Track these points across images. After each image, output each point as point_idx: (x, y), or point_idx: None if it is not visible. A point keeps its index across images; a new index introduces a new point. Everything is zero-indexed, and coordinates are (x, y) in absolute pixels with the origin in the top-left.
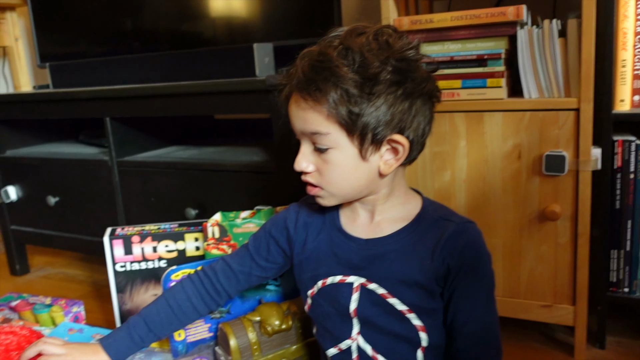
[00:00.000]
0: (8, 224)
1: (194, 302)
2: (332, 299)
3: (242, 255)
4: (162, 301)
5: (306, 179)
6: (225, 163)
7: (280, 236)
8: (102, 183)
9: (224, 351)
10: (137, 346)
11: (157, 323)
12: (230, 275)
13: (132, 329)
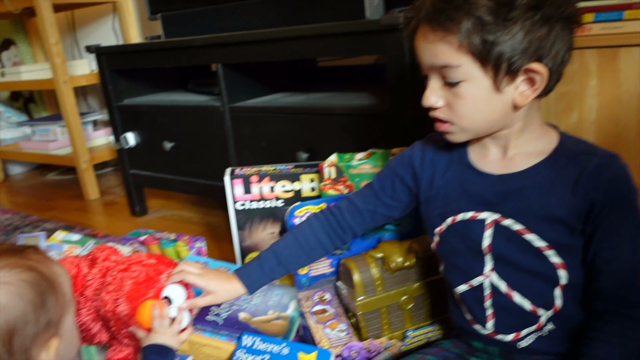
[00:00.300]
0: (128, 168)
1: (321, 238)
2: (463, 235)
3: (367, 194)
4: (290, 237)
5: (435, 115)
6: (335, 107)
7: (406, 174)
8: (214, 128)
9: (346, 285)
10: (268, 277)
11: (286, 257)
12: (356, 214)
13: (263, 262)
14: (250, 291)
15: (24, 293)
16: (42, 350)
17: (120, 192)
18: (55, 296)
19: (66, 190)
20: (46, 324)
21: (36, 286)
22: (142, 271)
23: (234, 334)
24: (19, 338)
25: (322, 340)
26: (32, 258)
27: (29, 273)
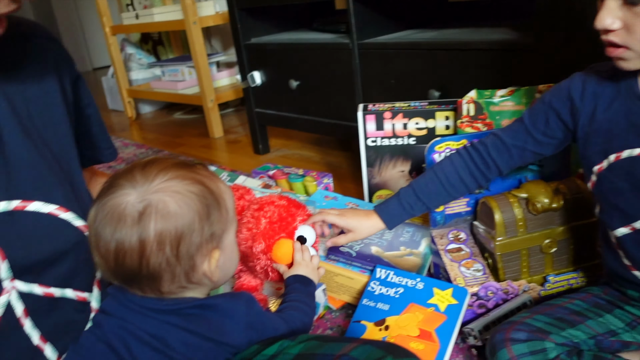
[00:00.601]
0: (253, 106)
1: (462, 175)
2: (629, 173)
3: (516, 129)
4: (431, 173)
5: (608, 39)
6: (473, 42)
7: (563, 107)
8: (341, 66)
9: (484, 225)
10: (407, 213)
11: (425, 193)
12: (502, 149)
13: (401, 197)
14: (389, 227)
15: (191, 203)
16: (205, 260)
17: (241, 132)
18: (219, 211)
19: (192, 128)
20: (210, 235)
21: (203, 198)
22: (275, 211)
23: (366, 266)
24: (186, 244)
25: (457, 278)
26: (201, 173)
27: (197, 185)
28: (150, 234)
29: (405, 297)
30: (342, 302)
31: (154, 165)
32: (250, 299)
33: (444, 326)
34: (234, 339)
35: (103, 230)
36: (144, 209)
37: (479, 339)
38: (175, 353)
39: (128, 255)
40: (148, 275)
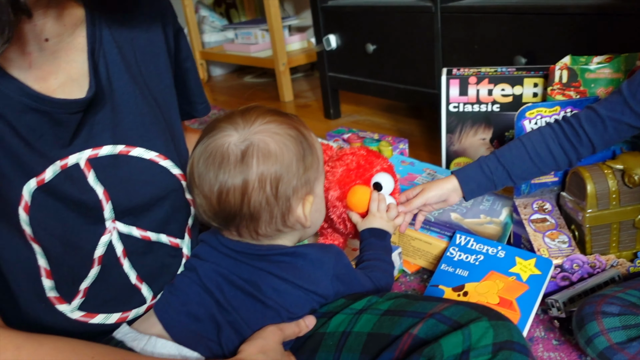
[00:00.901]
0: (326, 70)
1: (551, 145)
2: None
3: (613, 101)
4: (517, 141)
5: None
6: (567, 5)
7: None
8: (422, 30)
9: (574, 196)
10: (487, 178)
11: (508, 158)
12: (596, 121)
13: (482, 161)
14: (467, 194)
15: (290, 145)
16: (299, 204)
17: (311, 96)
18: (313, 157)
19: (262, 92)
20: (305, 180)
21: (299, 142)
22: (354, 159)
23: (444, 232)
24: (284, 185)
25: (541, 248)
26: (296, 121)
27: (294, 130)
28: (253, 173)
29: (486, 264)
30: (417, 267)
31: (253, 111)
32: (339, 252)
33: (526, 296)
34: (322, 289)
35: (207, 171)
36: (247, 149)
37: (562, 311)
38: (266, 298)
39: (231, 194)
40: (248, 214)
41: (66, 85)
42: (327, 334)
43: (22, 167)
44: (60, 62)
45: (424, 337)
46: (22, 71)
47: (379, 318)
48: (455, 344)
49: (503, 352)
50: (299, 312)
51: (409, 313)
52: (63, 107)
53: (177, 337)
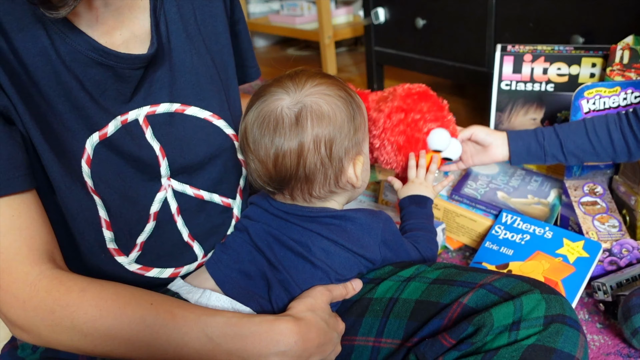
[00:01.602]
0: (373, 44)
1: (612, 128)
2: None
3: None
4: (579, 121)
5: None
6: None
7: None
8: (475, 6)
9: (628, 180)
10: (538, 144)
11: (565, 130)
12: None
13: (537, 129)
14: (513, 156)
15: (341, 106)
16: (350, 164)
17: (354, 71)
18: (361, 118)
19: (305, 65)
20: (355, 141)
21: (349, 104)
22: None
23: (490, 210)
24: (337, 146)
25: (589, 231)
26: (343, 83)
27: (343, 91)
28: (308, 135)
29: (532, 244)
30: (460, 244)
31: (302, 74)
32: (388, 218)
33: (572, 278)
34: (370, 253)
35: (262, 136)
36: (300, 111)
37: (609, 295)
38: (316, 259)
39: (287, 157)
40: (304, 176)
41: (130, 42)
42: (375, 300)
43: (86, 121)
44: (124, 19)
45: (474, 306)
46: (89, 26)
47: (427, 286)
48: (506, 314)
49: (555, 325)
50: (347, 274)
51: (459, 282)
52: (127, 62)
53: (229, 292)
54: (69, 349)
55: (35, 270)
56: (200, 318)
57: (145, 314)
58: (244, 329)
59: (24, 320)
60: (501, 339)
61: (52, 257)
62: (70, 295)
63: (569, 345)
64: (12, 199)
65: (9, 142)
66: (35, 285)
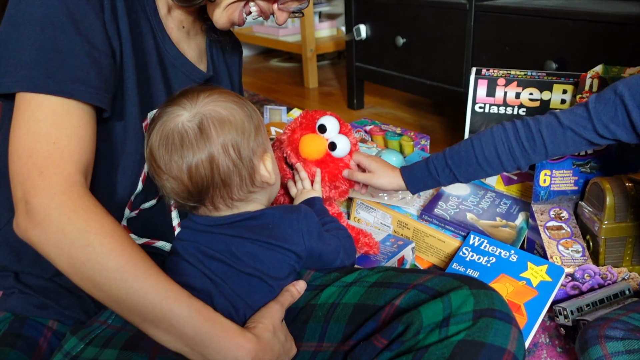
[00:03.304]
0: (353, 60)
1: (500, 150)
2: None
3: (579, 114)
4: (467, 142)
5: None
6: (606, 13)
7: (635, 109)
8: (454, 27)
9: (592, 207)
10: (432, 177)
11: (456, 160)
12: (557, 130)
13: (429, 160)
14: (411, 189)
15: (237, 108)
16: (260, 163)
17: (335, 85)
18: (259, 118)
19: (287, 76)
20: (258, 140)
21: (243, 106)
22: (298, 119)
23: (459, 231)
24: (244, 146)
25: (553, 256)
26: (235, 93)
27: (235, 97)
28: (215, 142)
29: (497, 267)
30: (429, 264)
31: (193, 89)
32: (307, 210)
33: (534, 301)
34: (294, 245)
35: (171, 155)
36: (201, 121)
37: (570, 319)
38: (243, 264)
39: (200, 167)
40: (221, 181)
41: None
42: (318, 306)
43: (153, 98)
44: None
45: (405, 306)
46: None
47: (366, 290)
48: (436, 312)
49: (484, 319)
50: (279, 274)
51: (394, 284)
52: (195, 73)
53: None
54: (62, 255)
55: (76, 177)
56: (190, 302)
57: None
58: (215, 325)
59: (45, 209)
60: (432, 337)
61: (87, 176)
62: (97, 209)
63: (499, 339)
64: (87, 111)
65: (109, 71)
66: (72, 186)
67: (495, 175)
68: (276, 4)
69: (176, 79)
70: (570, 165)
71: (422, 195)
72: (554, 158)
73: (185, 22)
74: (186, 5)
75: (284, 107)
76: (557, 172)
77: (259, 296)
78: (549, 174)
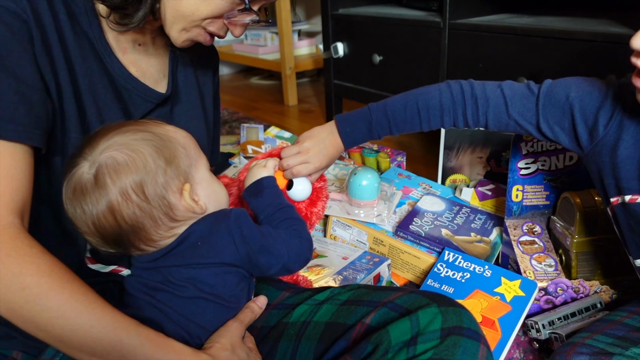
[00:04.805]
0: (332, 77)
1: (445, 119)
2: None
3: (527, 107)
4: (413, 105)
5: (638, 64)
6: (575, 31)
7: (582, 123)
8: (429, 45)
9: (563, 221)
10: (373, 138)
11: (400, 124)
12: (502, 118)
13: (374, 125)
14: (347, 147)
15: (139, 148)
16: (179, 196)
17: (315, 102)
18: (173, 149)
19: (267, 94)
20: (173, 172)
21: (149, 141)
22: (265, 154)
23: (434, 247)
24: (151, 187)
25: (527, 270)
26: (147, 124)
27: (140, 133)
28: (112, 190)
29: (472, 282)
30: (405, 280)
31: (98, 133)
32: (239, 212)
33: (508, 316)
34: (229, 255)
35: (75, 209)
36: (97, 172)
37: (542, 333)
38: (184, 289)
39: (103, 219)
40: (130, 229)
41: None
42: (290, 324)
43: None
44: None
45: (375, 325)
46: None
47: (337, 308)
48: (404, 331)
49: (452, 337)
50: (225, 289)
51: (365, 302)
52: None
53: None
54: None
55: (9, 219)
56: (139, 330)
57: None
58: (167, 350)
59: None
60: (400, 356)
61: (23, 216)
62: (31, 249)
63: (467, 357)
64: (18, 149)
65: (40, 106)
66: (3, 229)
67: None
68: (224, 20)
69: (132, 102)
70: (542, 180)
71: (398, 211)
72: None
73: (142, 40)
74: (120, 30)
75: (261, 125)
76: (529, 187)
77: (211, 316)
78: (521, 189)
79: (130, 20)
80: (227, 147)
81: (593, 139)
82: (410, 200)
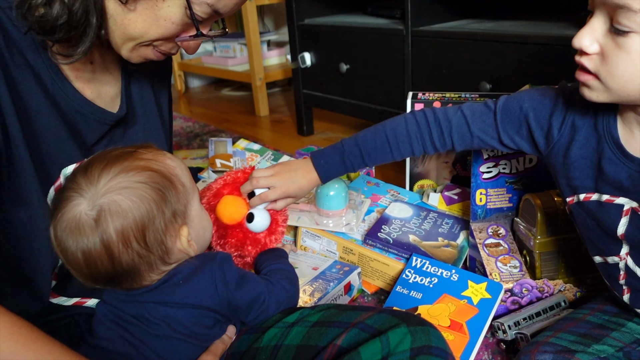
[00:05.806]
0: (301, 87)
1: (414, 145)
2: (595, 217)
3: (487, 123)
4: (382, 134)
5: (581, 61)
6: (532, 35)
7: (538, 130)
8: (393, 53)
9: (526, 222)
10: (348, 171)
11: (372, 153)
12: (466, 136)
13: (346, 156)
14: (324, 182)
15: (143, 193)
16: (176, 240)
17: (286, 112)
18: (175, 189)
19: (238, 105)
20: (172, 215)
21: (154, 184)
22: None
23: (402, 253)
24: (151, 233)
25: (493, 272)
26: (144, 158)
27: (143, 173)
28: (113, 236)
29: (439, 287)
30: (376, 288)
31: (95, 166)
32: (224, 257)
33: (476, 319)
34: (208, 300)
35: (66, 243)
36: (98, 215)
37: (508, 334)
38: (158, 328)
39: (98, 260)
40: (125, 273)
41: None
42: (261, 349)
43: (64, 153)
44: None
45: (347, 346)
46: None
47: (307, 330)
48: (374, 352)
49: (420, 357)
50: (200, 330)
51: (336, 323)
52: (101, 115)
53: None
54: None
55: None
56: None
57: None
58: None
59: None
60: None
61: None
62: None
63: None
64: None
65: None
66: None
67: None
68: (173, 42)
69: (86, 127)
70: (504, 183)
71: (367, 219)
72: None
73: (93, 58)
74: (66, 62)
75: (229, 138)
76: (492, 190)
77: (184, 355)
78: (485, 193)
79: (75, 51)
80: (197, 162)
81: (549, 143)
82: (379, 207)
